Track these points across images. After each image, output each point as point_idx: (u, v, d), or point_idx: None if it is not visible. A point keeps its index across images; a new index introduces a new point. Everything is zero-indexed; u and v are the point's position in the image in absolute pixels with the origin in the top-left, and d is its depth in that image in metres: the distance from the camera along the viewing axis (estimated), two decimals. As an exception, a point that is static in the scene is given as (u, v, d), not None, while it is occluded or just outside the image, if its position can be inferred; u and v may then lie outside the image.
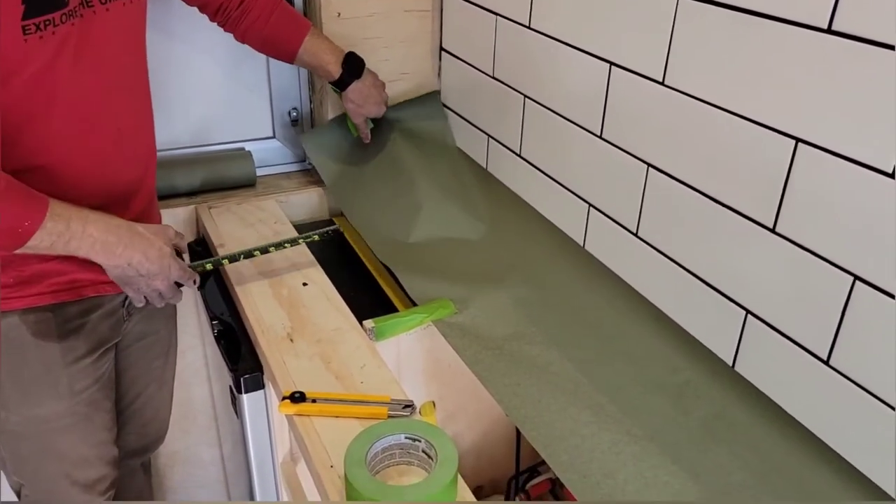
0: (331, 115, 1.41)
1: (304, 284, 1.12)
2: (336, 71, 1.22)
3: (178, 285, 0.98)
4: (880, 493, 0.75)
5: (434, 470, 0.75)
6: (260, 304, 1.07)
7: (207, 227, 1.28)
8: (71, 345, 0.99)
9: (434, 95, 1.47)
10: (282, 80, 1.44)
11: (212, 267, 1.05)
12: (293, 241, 1.13)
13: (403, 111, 1.42)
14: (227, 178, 1.39)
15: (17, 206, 0.79)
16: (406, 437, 0.79)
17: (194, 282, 0.99)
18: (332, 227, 1.16)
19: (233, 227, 1.27)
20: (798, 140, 0.77)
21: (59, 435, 1.02)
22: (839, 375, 0.77)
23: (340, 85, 1.24)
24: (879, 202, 0.70)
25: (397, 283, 1.17)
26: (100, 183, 0.93)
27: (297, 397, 0.87)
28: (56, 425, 1.01)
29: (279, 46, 1.21)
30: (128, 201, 0.99)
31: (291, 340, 1.00)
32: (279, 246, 1.11)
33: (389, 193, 1.35)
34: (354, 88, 1.25)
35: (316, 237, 1.15)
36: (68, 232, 0.83)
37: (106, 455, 1.09)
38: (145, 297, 0.96)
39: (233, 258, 1.08)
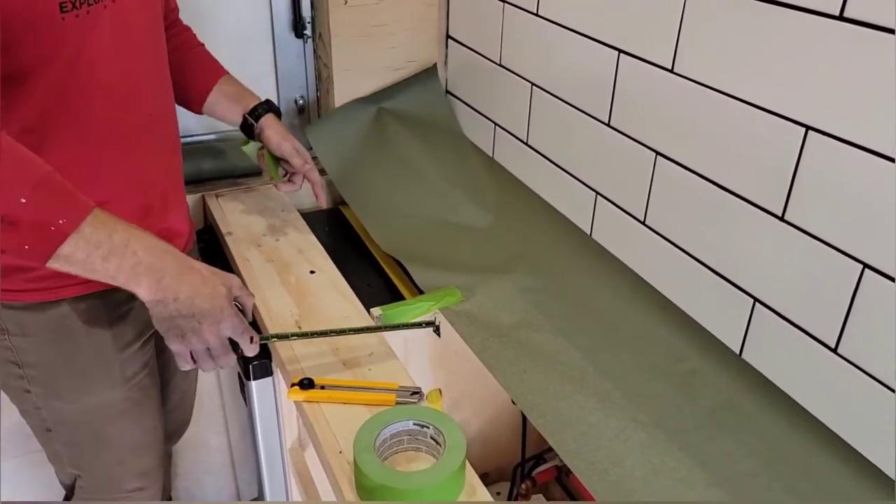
0: (338, 104, 1.41)
1: (312, 272, 1.12)
2: (254, 101, 1.12)
3: (233, 346, 0.83)
4: (888, 482, 0.76)
5: (442, 456, 0.75)
6: (268, 292, 1.07)
7: (215, 215, 1.28)
8: (120, 331, 0.98)
9: (431, 75, 1.45)
10: (288, 68, 1.43)
11: (276, 340, 0.92)
12: (376, 329, 0.97)
13: (404, 98, 1.42)
14: (234, 166, 1.39)
15: (54, 199, 0.70)
16: (414, 424, 0.80)
17: (251, 339, 0.83)
18: (425, 320, 0.98)
19: (240, 215, 1.28)
20: (808, 128, 0.76)
21: (113, 422, 1.02)
22: (847, 363, 0.77)
23: (259, 114, 1.11)
24: (890, 190, 0.70)
25: (404, 271, 1.17)
26: (130, 169, 0.91)
27: (306, 384, 0.88)
28: (111, 412, 1.01)
29: (196, 77, 1.10)
30: (158, 191, 0.97)
31: (300, 327, 1.00)
32: (359, 331, 0.95)
33: (395, 183, 1.35)
34: (272, 117, 1.12)
35: (404, 328, 0.99)
36: (109, 243, 0.72)
37: (157, 442, 1.09)
38: (192, 356, 0.82)
39: (303, 335, 0.94)
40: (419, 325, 0.97)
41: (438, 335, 0.97)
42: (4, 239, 0.71)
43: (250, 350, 0.84)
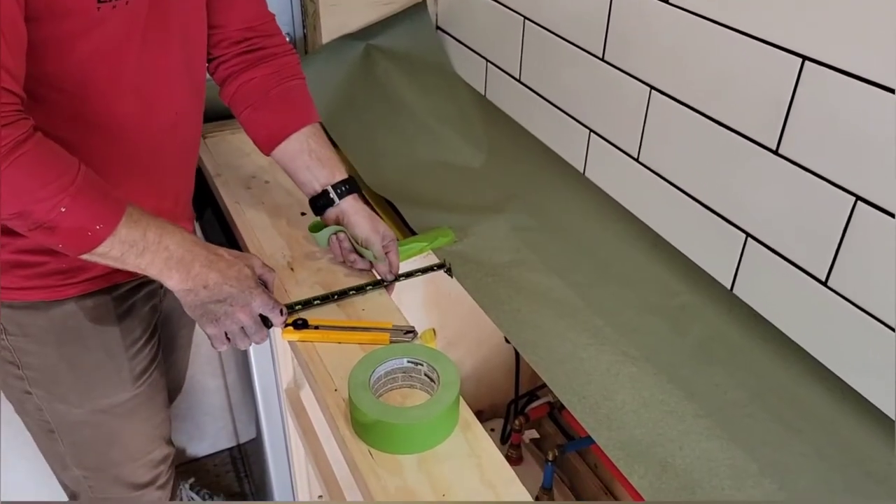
0: (325, 40, 1.37)
1: (303, 214, 1.11)
2: (341, 173, 0.96)
3: (264, 321, 0.84)
4: (871, 409, 0.77)
5: (436, 392, 0.76)
6: (259, 234, 1.07)
7: (203, 158, 1.26)
8: (128, 327, 0.94)
9: (421, 10, 1.41)
10: (273, 3, 1.38)
11: (301, 308, 0.90)
12: (393, 281, 0.96)
13: (393, 35, 1.38)
14: (220, 107, 1.36)
15: (92, 205, 0.71)
16: (408, 361, 0.80)
17: (281, 311, 0.84)
18: (436, 263, 0.99)
19: (229, 157, 1.26)
20: (805, 58, 0.75)
21: (122, 421, 0.98)
22: (837, 296, 0.78)
23: (342, 192, 0.95)
24: (885, 120, 0.69)
25: (396, 211, 1.17)
26: (149, 171, 0.86)
27: (300, 324, 0.88)
28: (120, 412, 0.97)
29: (278, 114, 0.95)
30: (172, 194, 0.92)
31: (292, 269, 1.00)
32: (377, 284, 0.95)
33: (385, 124, 1.33)
34: (357, 199, 0.96)
35: (419, 273, 0.99)
36: (143, 241, 0.74)
37: (166, 433, 1.08)
38: (227, 336, 0.83)
39: (325, 298, 0.92)
40: (431, 268, 0.97)
41: (451, 276, 0.98)
42: (38, 238, 0.71)
43: (281, 321, 0.85)
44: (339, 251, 0.97)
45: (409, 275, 0.98)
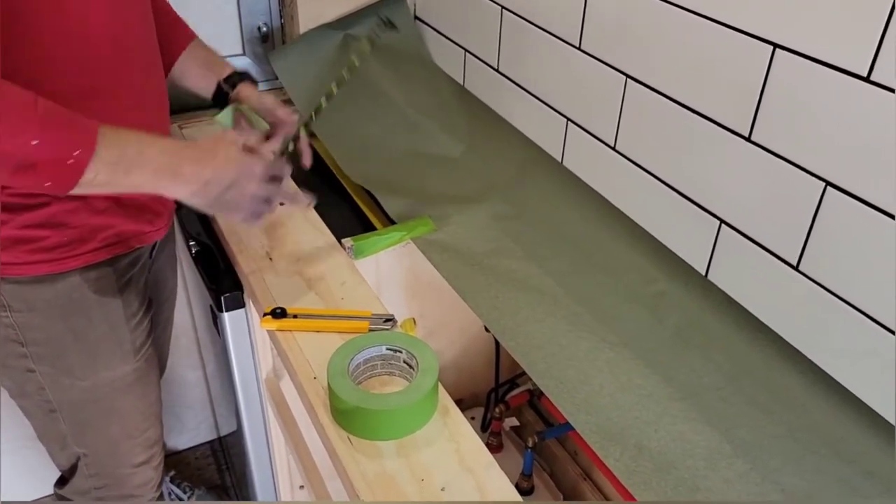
0: (302, 30, 1.37)
1: (282, 204, 1.10)
2: (229, 69, 1.02)
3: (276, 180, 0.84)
4: (844, 393, 0.79)
5: (415, 379, 0.77)
6: (238, 224, 1.06)
7: (180, 148, 1.25)
8: (128, 299, 0.95)
9: (398, 1, 1.41)
10: (250, -6, 1.38)
11: (292, 146, 0.89)
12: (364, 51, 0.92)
13: (369, 25, 1.38)
14: (195, 99, 1.35)
15: (63, 132, 0.69)
16: (387, 349, 0.81)
17: (284, 155, 0.84)
18: (382, 18, 0.92)
19: (206, 147, 1.25)
20: (775, 45, 0.76)
21: (122, 395, 1.00)
22: (808, 280, 0.79)
23: (234, 81, 1.01)
24: (853, 106, 0.70)
25: (375, 201, 1.17)
26: (133, 122, 0.84)
27: (279, 313, 0.88)
28: (120, 385, 0.98)
29: (164, 40, 0.96)
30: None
31: (270, 259, 1.00)
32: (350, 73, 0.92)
33: (364, 114, 1.33)
34: (249, 84, 1.02)
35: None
36: (125, 159, 0.72)
37: (158, 412, 1.09)
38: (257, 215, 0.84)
39: (306, 124, 0.90)
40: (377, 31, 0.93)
41: (395, 27, 0.96)
42: (24, 182, 0.70)
43: (291, 167, 0.87)
44: (244, 126, 1.00)
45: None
